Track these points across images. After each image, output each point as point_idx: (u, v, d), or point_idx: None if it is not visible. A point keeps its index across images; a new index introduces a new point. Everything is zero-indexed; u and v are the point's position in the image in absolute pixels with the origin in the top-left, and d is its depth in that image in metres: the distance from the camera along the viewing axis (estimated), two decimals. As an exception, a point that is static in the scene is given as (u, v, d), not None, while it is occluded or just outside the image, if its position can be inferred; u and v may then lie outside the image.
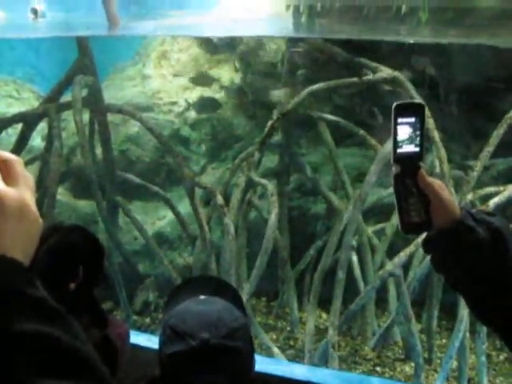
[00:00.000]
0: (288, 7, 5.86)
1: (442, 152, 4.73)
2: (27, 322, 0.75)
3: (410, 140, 1.33)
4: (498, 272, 1.23)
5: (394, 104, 1.32)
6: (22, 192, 0.85)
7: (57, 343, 0.76)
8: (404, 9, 5.16)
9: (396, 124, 1.32)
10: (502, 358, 5.33)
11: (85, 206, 6.42)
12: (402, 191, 1.34)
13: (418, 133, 1.33)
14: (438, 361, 5.23)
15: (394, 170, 1.35)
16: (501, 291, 1.23)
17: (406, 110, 1.33)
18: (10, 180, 0.85)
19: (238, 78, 6.92)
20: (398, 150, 1.33)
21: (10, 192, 0.83)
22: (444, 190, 1.32)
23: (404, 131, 1.33)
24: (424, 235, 1.35)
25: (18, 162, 0.88)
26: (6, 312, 0.75)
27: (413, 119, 1.33)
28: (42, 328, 0.76)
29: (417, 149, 1.34)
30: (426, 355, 5.25)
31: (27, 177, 0.88)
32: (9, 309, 0.75)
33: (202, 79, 7.05)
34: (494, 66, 5.53)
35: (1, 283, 0.76)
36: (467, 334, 4.78)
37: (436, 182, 1.32)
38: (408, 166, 1.34)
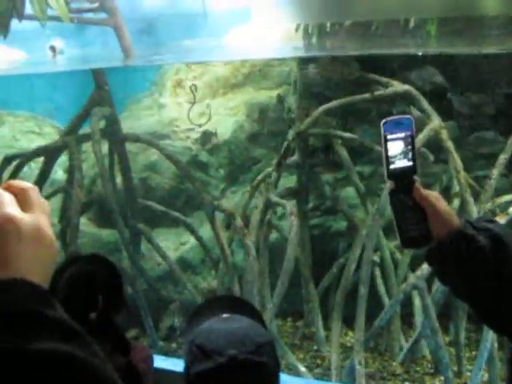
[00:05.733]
0: (297, 28, 5.93)
1: (458, 162, 4.74)
2: (44, 341, 0.77)
3: (403, 155, 1.32)
4: (501, 278, 1.21)
5: (382, 121, 1.31)
6: (38, 217, 0.89)
7: (73, 361, 0.78)
8: (412, 23, 5.20)
9: (386, 140, 1.32)
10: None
11: (108, 234, 6.50)
12: (399, 207, 1.33)
13: (409, 147, 1.32)
14: (469, 373, 5.16)
15: (389, 186, 1.34)
16: (504, 298, 1.21)
17: (395, 125, 1.32)
18: (26, 206, 0.89)
19: (252, 102, 7.00)
20: (391, 166, 1.32)
21: (25, 217, 0.87)
22: (440, 201, 1.31)
23: (395, 147, 1.32)
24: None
25: (33, 189, 0.93)
26: (22, 333, 0.77)
27: (403, 134, 1.32)
28: (58, 347, 0.77)
29: (410, 163, 1.32)
30: (455, 368, 5.19)
31: (42, 203, 0.92)
32: (25, 329, 0.78)
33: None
34: (504, 74, 5.54)
35: (17, 305, 0.79)
36: (495, 344, 4.72)
37: (432, 194, 1.32)
38: (402, 181, 1.32)
